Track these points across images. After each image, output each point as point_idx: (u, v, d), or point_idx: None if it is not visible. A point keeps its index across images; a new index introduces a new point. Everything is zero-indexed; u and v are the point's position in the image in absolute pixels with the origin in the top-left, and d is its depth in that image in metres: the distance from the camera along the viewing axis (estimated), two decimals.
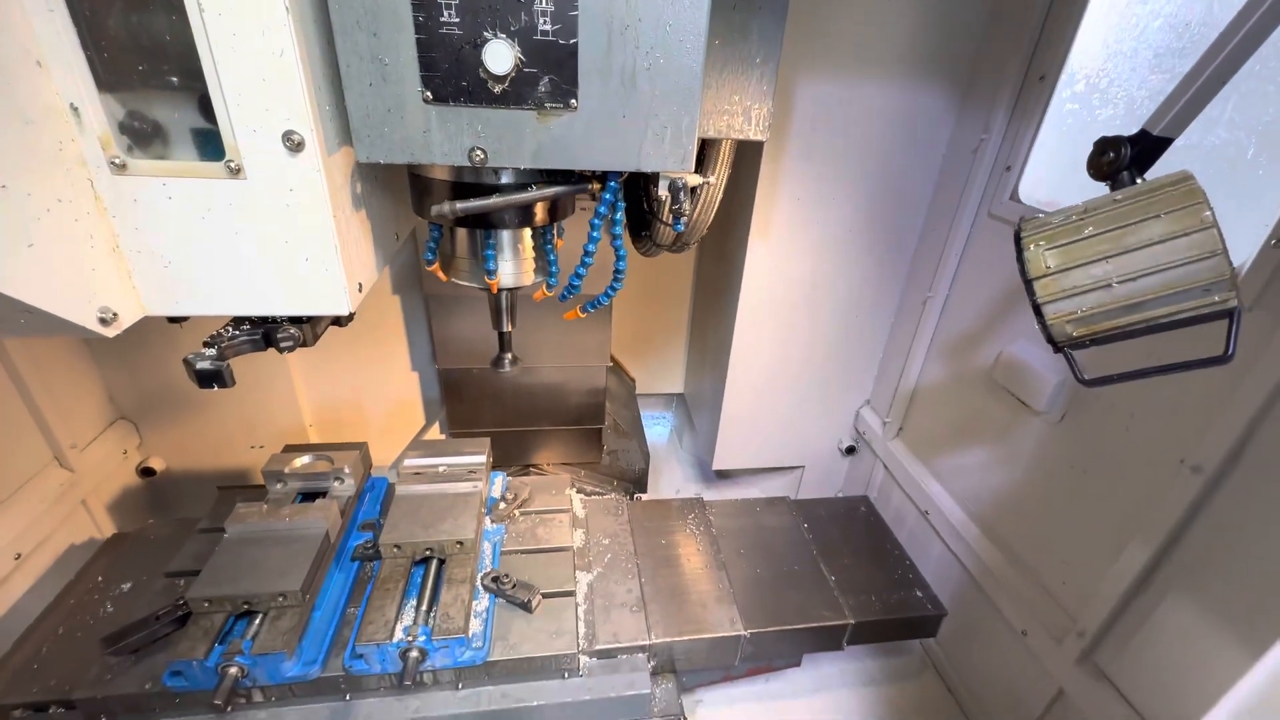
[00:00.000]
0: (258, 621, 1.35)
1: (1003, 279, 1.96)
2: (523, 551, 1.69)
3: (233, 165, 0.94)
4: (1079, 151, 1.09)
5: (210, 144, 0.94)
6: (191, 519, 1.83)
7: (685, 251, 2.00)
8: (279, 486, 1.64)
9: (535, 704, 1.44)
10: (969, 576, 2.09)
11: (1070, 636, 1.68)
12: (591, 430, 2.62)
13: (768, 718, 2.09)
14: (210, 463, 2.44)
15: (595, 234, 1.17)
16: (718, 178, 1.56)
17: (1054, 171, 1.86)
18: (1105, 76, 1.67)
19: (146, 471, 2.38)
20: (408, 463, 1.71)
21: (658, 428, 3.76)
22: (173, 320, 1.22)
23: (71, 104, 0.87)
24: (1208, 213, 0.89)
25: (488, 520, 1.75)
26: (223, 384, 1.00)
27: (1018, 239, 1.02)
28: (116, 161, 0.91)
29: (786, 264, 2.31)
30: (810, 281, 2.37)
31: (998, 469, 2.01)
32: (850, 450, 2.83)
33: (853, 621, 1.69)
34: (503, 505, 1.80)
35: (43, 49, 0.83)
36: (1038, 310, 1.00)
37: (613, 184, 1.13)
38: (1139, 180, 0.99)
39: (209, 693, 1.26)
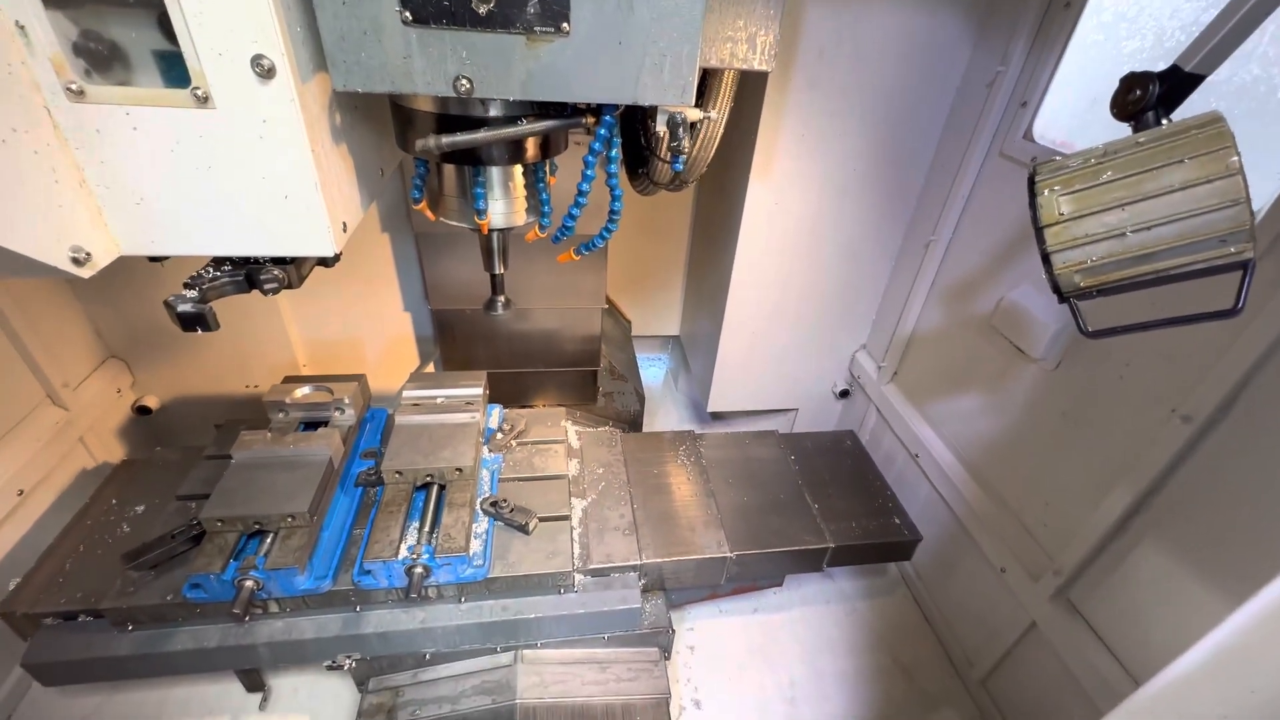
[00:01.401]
0: (269, 540, 1.44)
1: (1009, 223, 1.91)
2: (520, 479, 1.76)
3: (199, 93, 0.87)
4: (1098, 88, 1.03)
5: (175, 69, 0.88)
6: (197, 447, 1.88)
7: (684, 190, 1.93)
8: (281, 416, 1.69)
9: (533, 616, 1.53)
10: (953, 516, 2.15)
11: (1047, 575, 1.74)
12: (587, 372, 2.62)
13: (750, 632, 2.21)
14: (205, 401, 2.44)
15: (590, 172, 1.11)
16: (719, 112, 1.48)
17: (1071, 110, 1.77)
18: (1135, 4, 1.56)
19: (142, 410, 2.38)
20: (406, 394, 1.76)
21: (653, 369, 3.77)
22: (152, 260, 1.18)
23: (17, 21, 0.80)
24: (1234, 158, 0.85)
25: (485, 450, 1.81)
26: (205, 327, 0.97)
27: (1031, 182, 0.98)
28: (73, 87, 0.85)
29: (788, 203, 2.24)
30: (811, 222, 2.30)
31: (989, 414, 2.03)
32: (844, 394, 2.85)
33: (832, 545, 1.80)
34: (500, 436, 1.86)
35: None
36: (1046, 259, 0.97)
37: (608, 118, 1.06)
38: (1165, 121, 0.93)
39: (228, 603, 1.36)
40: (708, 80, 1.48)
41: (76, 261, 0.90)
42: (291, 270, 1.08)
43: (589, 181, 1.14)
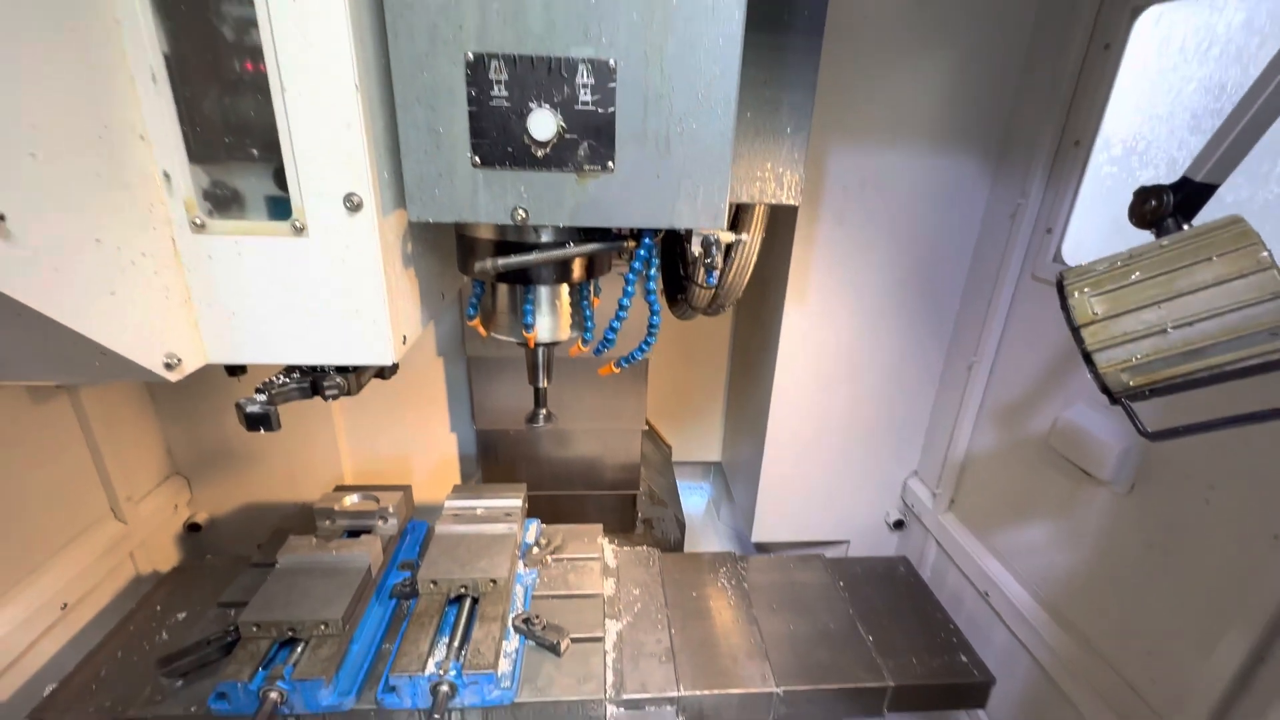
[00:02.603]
0: (300, 649, 1.43)
1: (1052, 342, 1.90)
2: (554, 596, 1.71)
3: (298, 224, 1.02)
4: (1121, 212, 1.08)
5: (280, 206, 1.04)
6: (245, 556, 1.93)
7: (720, 314, 2.02)
8: (327, 524, 1.76)
9: None
10: (1039, 668, 1.88)
11: None
12: (626, 497, 2.57)
13: None
14: (254, 515, 2.50)
15: (630, 289, 1.20)
16: (751, 238, 1.60)
17: (1097, 232, 1.83)
18: (1142, 140, 1.67)
19: (193, 527, 2.44)
20: (448, 504, 1.81)
21: (694, 498, 3.66)
22: (231, 372, 1.30)
23: (165, 171, 0.98)
24: (1265, 253, 0.85)
25: (521, 564, 1.79)
26: (269, 427, 1.04)
27: (1060, 286, 1.00)
28: (197, 222, 1.01)
29: (824, 329, 2.30)
30: (849, 346, 2.34)
31: (1063, 546, 1.86)
32: (898, 524, 2.68)
33: (892, 684, 1.60)
34: (536, 550, 1.85)
35: (146, 124, 0.94)
36: (1088, 358, 0.96)
37: (647, 240, 1.17)
38: (1185, 227, 0.96)
39: (249, 717, 1.33)
40: (741, 212, 1.62)
41: (168, 366, 1.01)
42: (352, 379, 1.16)
43: (629, 297, 1.22)
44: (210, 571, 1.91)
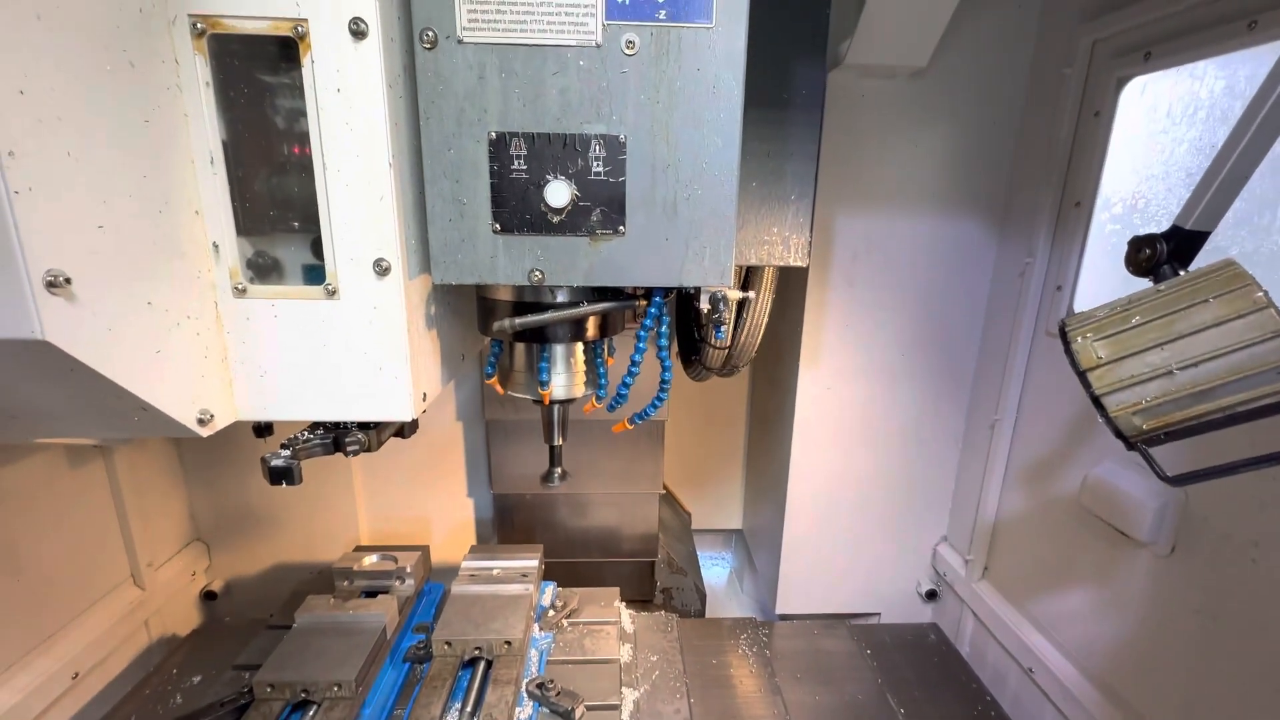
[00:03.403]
0: (312, 712, 1.43)
1: (1073, 398, 1.87)
2: (569, 662, 1.68)
3: (330, 288, 1.09)
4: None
5: (314, 274, 1.12)
6: (263, 619, 1.93)
7: (735, 375, 2.05)
8: (345, 584, 1.79)
9: None
10: None
11: None
12: (644, 564, 2.51)
13: None
14: (270, 580, 2.48)
15: (641, 344, 1.24)
16: (761, 298, 1.65)
17: (1108, 287, 1.84)
18: (1141, 198, 1.71)
19: (208, 595, 2.43)
20: (465, 564, 1.83)
21: (716, 569, 3.53)
22: (258, 434, 1.35)
23: (215, 243, 1.07)
24: (1260, 294, 0.86)
25: (536, 627, 1.77)
26: (291, 481, 1.07)
27: (1063, 333, 1.01)
28: (239, 287, 1.09)
29: (839, 390, 2.30)
30: (865, 408, 2.33)
31: (1107, 614, 1.75)
32: (931, 595, 2.54)
33: None
34: (552, 613, 1.83)
35: (202, 201, 1.04)
36: (1098, 403, 0.95)
37: (658, 299, 1.22)
38: (1181, 273, 0.97)
39: None
40: (751, 275, 1.68)
41: (201, 422, 1.05)
42: (373, 435, 1.20)
43: (641, 354, 1.26)
44: (227, 634, 1.91)
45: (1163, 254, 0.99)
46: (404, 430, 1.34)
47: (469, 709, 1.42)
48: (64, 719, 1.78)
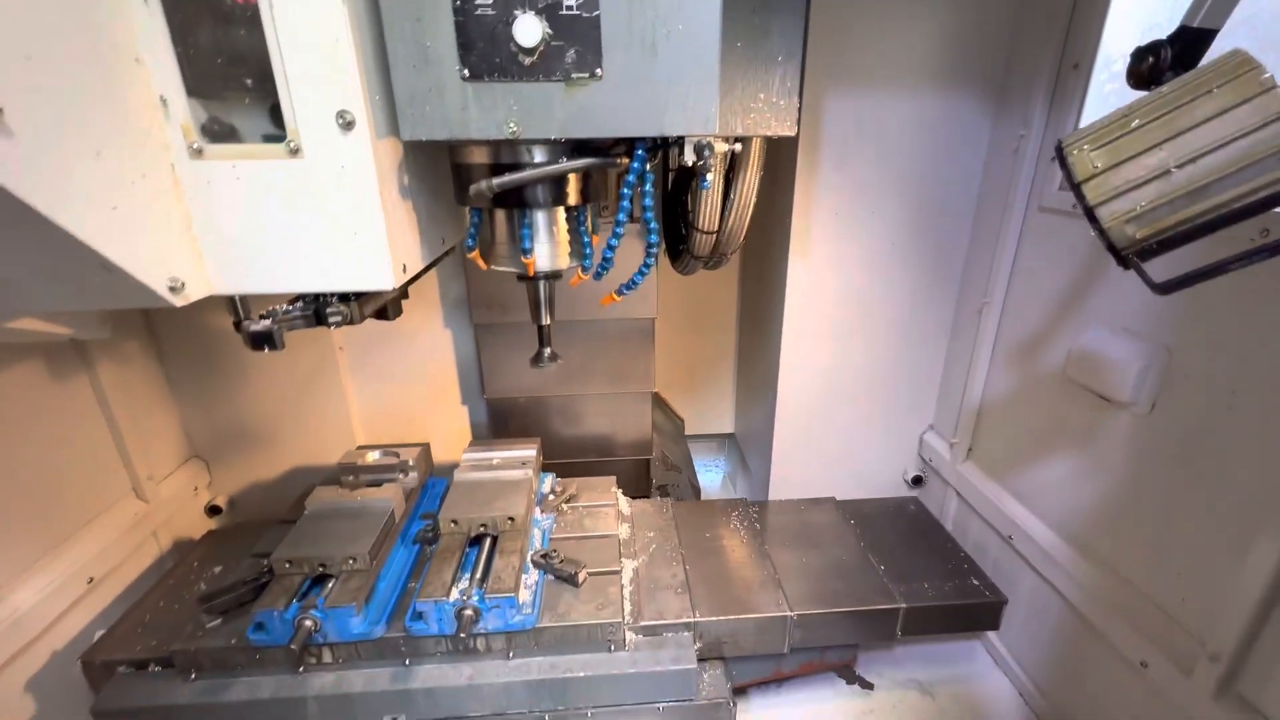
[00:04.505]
0: (330, 584, 1.53)
1: (1063, 271, 1.86)
2: (571, 538, 1.77)
3: (292, 146, 1.03)
4: None
5: (275, 142, 1.05)
6: (275, 519, 2.00)
7: (723, 266, 2.01)
8: (350, 479, 1.85)
9: (583, 675, 1.49)
10: (1069, 607, 1.83)
11: (1201, 663, 1.42)
12: (640, 462, 2.56)
13: None
14: (271, 496, 2.52)
15: (625, 203, 1.20)
16: (750, 174, 1.59)
17: None
18: None
19: (214, 510, 2.47)
20: (465, 456, 1.90)
21: (710, 474, 3.63)
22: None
23: (162, 96, 1.00)
24: (1266, 75, 0.82)
25: (537, 510, 1.85)
26: (273, 346, 1.05)
27: (1060, 151, 0.97)
28: (195, 147, 1.03)
29: (829, 281, 2.28)
30: (856, 299, 2.31)
31: (1086, 478, 1.81)
32: (917, 480, 2.63)
33: (904, 606, 1.65)
34: (552, 498, 1.90)
35: (140, 47, 0.96)
36: (1091, 216, 0.93)
37: (640, 153, 1.17)
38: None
39: (286, 650, 1.41)
40: (738, 152, 1.62)
41: (173, 289, 1.02)
42: (354, 307, 1.17)
43: (625, 212, 1.22)
44: (241, 532, 2.02)
45: (1166, 60, 0.94)
46: (387, 311, 1.31)
47: (478, 575, 1.52)
48: (85, 621, 1.84)
